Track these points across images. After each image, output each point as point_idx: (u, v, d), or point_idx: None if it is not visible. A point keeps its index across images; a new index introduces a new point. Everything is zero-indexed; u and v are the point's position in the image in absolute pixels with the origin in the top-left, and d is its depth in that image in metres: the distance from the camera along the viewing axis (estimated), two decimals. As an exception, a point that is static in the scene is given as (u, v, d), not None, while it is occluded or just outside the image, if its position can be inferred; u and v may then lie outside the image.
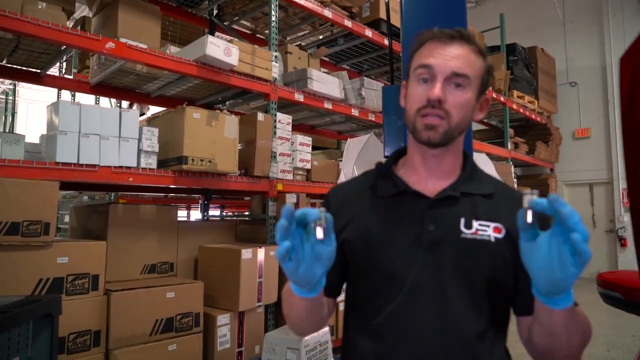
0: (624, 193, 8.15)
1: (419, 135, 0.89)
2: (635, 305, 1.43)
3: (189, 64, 3.13)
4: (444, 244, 0.88)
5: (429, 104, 0.87)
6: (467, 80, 0.88)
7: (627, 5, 8.20)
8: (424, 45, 0.91)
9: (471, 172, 0.97)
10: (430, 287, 0.86)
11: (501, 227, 0.89)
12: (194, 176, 3.10)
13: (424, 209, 0.91)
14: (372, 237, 0.91)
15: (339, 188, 1.04)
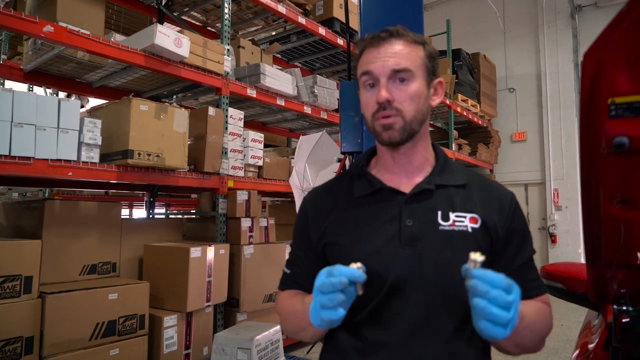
0: (554, 193, 8.74)
1: (380, 138, 0.92)
2: (576, 295, 1.52)
3: (136, 53, 2.98)
4: (423, 238, 0.89)
5: (379, 107, 0.90)
6: (409, 73, 0.90)
7: (560, 18, 8.79)
8: (362, 54, 0.95)
9: (443, 164, 0.99)
10: (412, 283, 0.87)
11: (477, 217, 0.92)
12: (140, 171, 2.96)
13: (400, 204, 0.92)
14: (352, 237, 0.92)
15: (316, 192, 1.06)
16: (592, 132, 0.77)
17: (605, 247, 1.00)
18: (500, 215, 0.94)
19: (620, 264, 1.03)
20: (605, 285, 1.11)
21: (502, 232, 0.93)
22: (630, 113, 0.72)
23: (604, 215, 0.93)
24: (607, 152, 0.79)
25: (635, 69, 0.69)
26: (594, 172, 0.86)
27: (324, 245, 0.96)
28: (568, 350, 4.16)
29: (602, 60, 0.70)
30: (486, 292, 0.69)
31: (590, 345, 1.33)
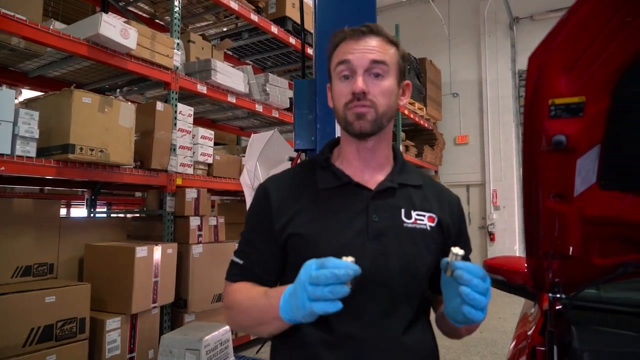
0: (493, 194, 9.24)
1: (351, 127, 0.92)
2: (515, 286, 1.63)
3: (78, 42, 2.82)
4: (388, 234, 0.91)
5: (354, 97, 0.90)
6: (385, 68, 0.92)
7: (499, 29, 9.30)
8: (339, 46, 0.95)
9: (402, 164, 1.03)
10: (378, 277, 0.89)
11: (434, 216, 0.97)
12: (82, 167, 2.81)
13: (367, 200, 0.94)
14: (319, 230, 0.91)
15: (277, 181, 1.02)
16: (534, 130, 0.84)
17: (543, 239, 1.08)
18: (452, 217, 1.02)
19: (555, 255, 1.11)
20: (542, 275, 1.20)
21: (454, 232, 1.01)
22: (568, 113, 0.78)
23: (542, 209, 1.00)
24: (546, 150, 0.85)
25: (573, 73, 0.76)
26: (535, 168, 0.93)
27: (288, 236, 0.93)
28: (505, 341, 4.42)
29: (544, 63, 0.76)
30: (469, 280, 0.75)
31: (528, 333, 1.43)
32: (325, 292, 0.72)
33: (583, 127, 0.81)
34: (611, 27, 0.69)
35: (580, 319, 1.28)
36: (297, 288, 0.76)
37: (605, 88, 0.77)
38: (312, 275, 0.73)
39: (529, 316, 1.60)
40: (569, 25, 0.70)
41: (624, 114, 0.81)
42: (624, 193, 0.95)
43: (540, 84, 0.77)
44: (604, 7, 0.68)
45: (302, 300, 0.74)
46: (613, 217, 0.98)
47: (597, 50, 0.72)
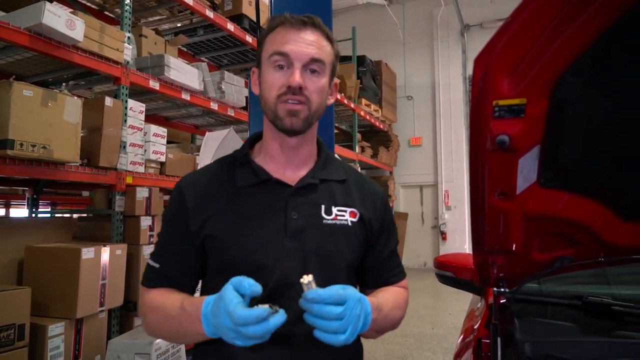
0: (445, 194, 9.56)
1: (282, 122, 0.89)
2: (463, 282, 1.69)
3: (18, 31, 2.66)
4: (307, 231, 0.90)
5: (289, 90, 0.87)
6: (322, 66, 0.90)
7: (451, 35, 9.65)
8: (275, 30, 0.91)
9: (326, 159, 1.01)
10: (297, 275, 0.85)
11: (356, 211, 0.96)
12: (23, 164, 2.64)
13: (286, 197, 0.92)
14: (236, 230, 0.89)
15: (193, 179, 0.97)
16: (480, 130, 0.87)
17: (488, 235, 1.13)
18: (374, 211, 1.01)
19: (499, 251, 1.17)
20: (488, 270, 1.25)
21: (376, 226, 1.00)
22: (510, 114, 0.83)
23: (487, 207, 1.05)
24: (491, 149, 0.89)
25: (514, 76, 0.80)
26: (480, 167, 0.97)
27: (205, 237, 0.90)
28: (455, 336, 4.57)
29: (489, 66, 0.79)
30: (319, 312, 0.75)
31: (474, 327, 1.49)
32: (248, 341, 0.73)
33: (524, 127, 0.85)
34: (548, 35, 0.74)
35: (523, 311, 1.35)
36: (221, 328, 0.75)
37: (543, 91, 0.81)
38: (233, 333, 0.73)
39: (476, 311, 1.67)
40: (511, 31, 0.74)
41: (561, 116, 0.86)
42: (561, 191, 1.01)
43: (485, 85, 0.80)
44: (541, 16, 0.73)
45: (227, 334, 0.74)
46: (551, 214, 1.04)
47: (536, 55, 0.77)
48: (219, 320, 0.75)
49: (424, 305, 6.12)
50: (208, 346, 0.88)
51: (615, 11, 0.72)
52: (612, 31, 0.75)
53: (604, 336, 1.13)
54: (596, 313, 1.25)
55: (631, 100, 0.88)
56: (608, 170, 1.00)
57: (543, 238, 1.12)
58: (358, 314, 0.78)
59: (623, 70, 0.84)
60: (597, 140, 0.95)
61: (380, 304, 0.88)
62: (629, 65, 0.83)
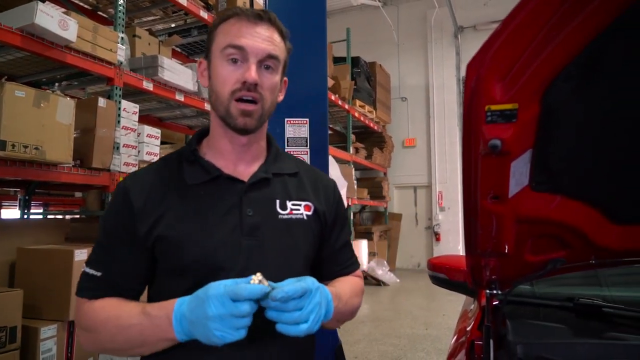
0: (439, 195, 9.59)
1: (235, 122, 0.86)
2: (456, 284, 1.70)
3: (11, 32, 2.64)
4: (263, 228, 0.88)
5: (244, 86, 0.84)
6: (277, 63, 0.88)
7: (445, 37, 9.69)
8: (229, 21, 0.88)
9: (276, 152, 0.99)
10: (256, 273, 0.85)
11: (310, 204, 0.95)
12: (15, 165, 2.62)
13: (240, 193, 0.89)
14: (190, 230, 0.85)
15: (139, 179, 0.91)
16: (472, 134, 0.88)
17: (481, 238, 1.14)
18: (327, 203, 1.00)
19: (492, 253, 1.18)
20: (480, 272, 1.26)
21: (330, 218, 1.00)
22: (502, 119, 0.84)
23: (480, 210, 1.06)
24: (484, 153, 0.90)
25: (506, 81, 0.81)
26: (473, 170, 0.97)
27: (155, 240, 0.85)
28: (449, 337, 4.59)
29: (481, 71, 0.80)
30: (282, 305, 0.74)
31: (467, 328, 1.50)
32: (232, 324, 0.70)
33: (516, 132, 0.86)
34: (539, 42, 0.75)
35: (516, 313, 1.36)
36: (204, 320, 0.71)
37: (535, 96, 0.83)
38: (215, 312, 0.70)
39: (469, 312, 1.68)
40: (502, 37, 0.75)
41: (552, 121, 0.87)
42: (552, 194, 1.02)
43: (477, 90, 0.81)
44: (532, 24, 0.74)
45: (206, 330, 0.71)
46: (543, 217, 1.05)
47: (527, 62, 0.78)
48: (200, 312, 0.71)
49: (418, 306, 6.14)
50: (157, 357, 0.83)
51: (604, 20, 0.73)
52: (600, 39, 0.76)
53: (595, 338, 1.14)
54: (587, 315, 1.27)
55: (619, 105, 0.89)
56: (598, 174, 1.02)
57: (535, 240, 1.14)
58: (318, 301, 0.77)
59: (611, 76, 0.85)
60: (587, 144, 0.96)
61: (338, 292, 0.88)
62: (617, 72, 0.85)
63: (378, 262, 7.97)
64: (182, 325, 0.74)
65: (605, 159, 0.99)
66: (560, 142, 0.93)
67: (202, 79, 0.94)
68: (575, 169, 1.00)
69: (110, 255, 0.87)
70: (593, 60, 0.79)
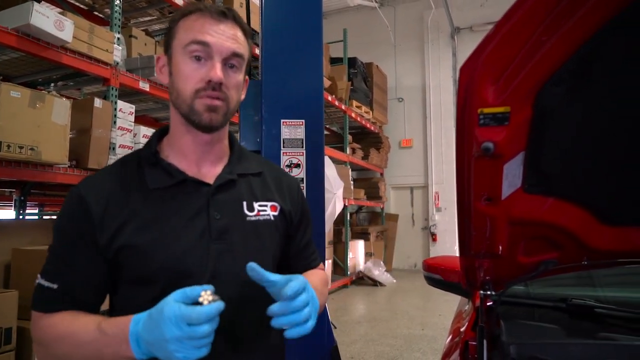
0: (435, 196, 9.61)
1: (200, 118, 0.83)
2: (451, 284, 1.71)
3: (6, 32, 2.64)
4: (232, 231, 0.86)
5: (209, 85, 0.82)
6: (241, 62, 0.87)
7: (442, 38, 9.72)
8: (191, 17, 0.85)
9: (239, 152, 0.97)
10: (226, 277, 0.84)
11: (276, 205, 0.95)
12: (10, 166, 2.62)
13: (206, 197, 0.87)
14: (156, 237, 0.82)
15: (95, 185, 0.85)
16: (466, 137, 0.89)
17: (475, 239, 1.15)
18: (293, 202, 1.00)
19: (486, 254, 1.18)
20: (474, 273, 1.27)
21: (296, 217, 1.00)
22: (495, 122, 0.85)
23: (474, 211, 1.07)
24: (477, 156, 0.91)
25: (498, 85, 0.82)
26: (467, 173, 0.98)
27: (118, 249, 0.81)
28: (444, 337, 4.60)
29: (474, 75, 0.81)
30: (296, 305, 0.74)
31: (461, 329, 1.51)
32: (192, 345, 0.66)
33: (509, 134, 0.87)
34: (530, 46, 0.76)
35: (510, 314, 1.37)
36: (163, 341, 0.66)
37: (527, 99, 0.84)
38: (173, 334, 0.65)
39: (463, 313, 1.69)
40: (494, 41, 0.76)
41: (544, 124, 0.88)
42: (545, 197, 1.04)
43: (470, 94, 0.82)
44: (524, 26, 0.75)
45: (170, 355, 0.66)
46: (536, 219, 1.06)
47: (519, 65, 0.79)
48: (157, 334, 0.67)
49: (414, 306, 6.15)
50: None
51: (595, 23, 0.74)
52: (591, 43, 0.77)
53: (587, 338, 1.15)
54: (580, 315, 1.28)
55: (610, 108, 0.90)
56: (590, 176, 1.03)
57: (528, 242, 1.15)
58: (313, 294, 0.78)
59: (602, 79, 0.86)
60: (579, 147, 0.97)
61: (313, 283, 0.86)
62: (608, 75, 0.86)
63: (375, 263, 7.99)
64: (140, 346, 0.70)
65: (597, 162, 1.00)
66: (553, 145, 0.94)
67: (161, 76, 0.90)
68: (567, 171, 1.02)
69: (67, 265, 0.82)
70: (584, 64, 0.80)
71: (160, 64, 0.90)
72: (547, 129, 0.90)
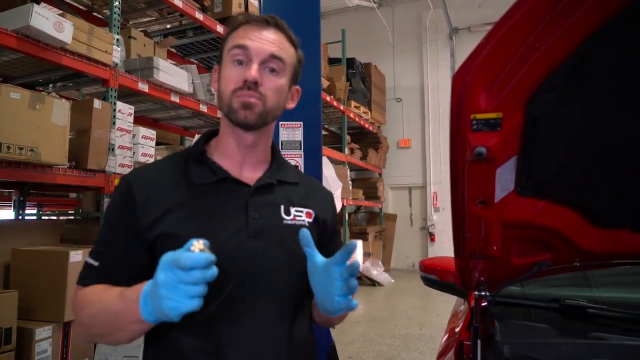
0: (434, 196, 9.64)
1: (235, 115, 0.88)
2: (447, 285, 1.73)
3: (6, 34, 2.65)
4: (268, 231, 0.89)
5: (245, 85, 0.86)
6: (282, 65, 0.90)
7: (440, 38, 9.74)
8: (239, 28, 0.90)
9: (279, 162, 1.02)
10: (259, 276, 0.87)
11: (312, 212, 0.98)
12: (10, 167, 2.63)
13: (246, 197, 0.90)
14: (194, 229, 0.85)
15: (143, 176, 0.92)
16: (459, 142, 0.91)
17: (469, 241, 1.17)
18: (328, 213, 1.03)
19: (480, 256, 1.21)
20: (469, 274, 1.29)
21: (330, 227, 1.03)
22: (487, 127, 0.87)
23: (468, 214, 1.09)
24: (470, 160, 0.93)
25: (490, 91, 0.84)
26: (460, 176, 1.01)
27: (157, 236, 0.85)
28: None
29: (467, 81, 0.83)
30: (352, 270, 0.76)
31: (456, 329, 1.53)
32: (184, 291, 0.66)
33: (501, 139, 0.89)
34: (523, 52, 0.78)
35: (505, 314, 1.39)
36: (158, 287, 0.67)
37: (518, 106, 0.86)
38: (164, 278, 0.66)
39: (459, 313, 1.71)
40: (487, 49, 0.78)
41: (535, 129, 0.90)
42: (537, 199, 1.06)
43: (463, 100, 0.84)
44: (515, 35, 0.77)
45: (161, 300, 0.67)
46: (528, 221, 1.08)
47: (511, 72, 0.81)
48: (155, 282, 0.68)
49: (412, 306, 6.18)
50: (160, 348, 0.85)
51: (583, 33, 0.76)
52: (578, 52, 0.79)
53: (579, 337, 1.17)
54: (573, 315, 1.30)
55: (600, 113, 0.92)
56: (580, 179, 1.05)
57: (521, 244, 1.17)
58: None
59: (590, 86, 0.88)
60: (569, 151, 0.99)
61: None
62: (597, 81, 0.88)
63: (373, 263, 8.01)
64: (146, 303, 0.71)
65: (588, 166, 1.02)
66: (544, 150, 0.96)
67: (214, 84, 0.96)
68: (558, 175, 1.04)
69: (110, 246, 0.88)
70: (572, 72, 0.83)
71: (215, 76, 0.96)
72: (538, 134, 0.92)
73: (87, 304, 0.83)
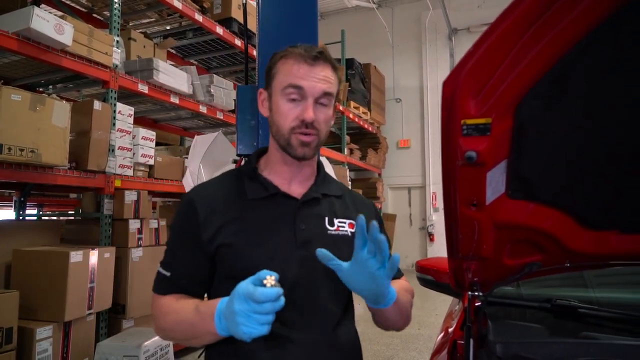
0: (433, 196, 9.66)
1: (294, 152, 0.97)
2: (442, 285, 1.75)
3: (7, 36, 2.67)
4: (314, 241, 0.97)
5: (302, 124, 0.95)
6: (331, 99, 0.99)
7: (439, 39, 9.76)
8: (288, 61, 0.97)
9: (324, 176, 1.11)
10: (307, 282, 0.95)
11: (354, 222, 1.05)
12: (11, 168, 2.66)
13: (294, 209, 1.00)
14: (249, 240, 0.95)
15: (203, 193, 1.02)
16: (450, 146, 0.94)
17: (462, 242, 1.19)
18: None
19: (473, 257, 1.23)
20: (462, 275, 1.31)
21: None
22: (477, 132, 0.89)
23: (461, 216, 1.11)
24: (461, 164, 0.95)
25: (479, 97, 0.86)
26: (452, 180, 1.03)
27: (217, 246, 0.95)
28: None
29: (456, 88, 0.86)
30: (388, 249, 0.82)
31: (450, 329, 1.55)
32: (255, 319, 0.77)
33: (491, 144, 0.92)
34: (510, 60, 0.80)
35: (499, 314, 1.41)
36: (232, 315, 0.79)
37: (507, 111, 0.88)
38: (239, 307, 0.78)
39: (453, 313, 1.74)
40: (476, 56, 0.80)
41: (524, 134, 0.93)
42: (527, 202, 1.08)
43: (454, 105, 0.86)
44: (503, 44, 0.79)
45: (234, 324, 0.79)
46: (519, 223, 1.11)
47: (499, 79, 0.83)
48: (230, 307, 0.79)
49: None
50: (221, 349, 0.94)
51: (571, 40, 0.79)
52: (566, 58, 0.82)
53: (570, 337, 1.19)
54: (564, 315, 1.33)
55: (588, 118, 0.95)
56: (570, 182, 1.07)
57: (513, 245, 1.19)
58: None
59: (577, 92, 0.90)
60: (559, 154, 1.01)
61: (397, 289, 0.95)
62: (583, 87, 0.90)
63: (372, 263, 8.02)
64: (220, 321, 0.83)
65: (577, 168, 1.04)
66: (533, 153, 0.98)
67: (262, 109, 1.05)
68: (548, 177, 1.06)
69: (177, 258, 0.99)
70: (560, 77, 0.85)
71: (262, 98, 1.05)
72: (527, 139, 0.94)
73: (165, 313, 0.95)
